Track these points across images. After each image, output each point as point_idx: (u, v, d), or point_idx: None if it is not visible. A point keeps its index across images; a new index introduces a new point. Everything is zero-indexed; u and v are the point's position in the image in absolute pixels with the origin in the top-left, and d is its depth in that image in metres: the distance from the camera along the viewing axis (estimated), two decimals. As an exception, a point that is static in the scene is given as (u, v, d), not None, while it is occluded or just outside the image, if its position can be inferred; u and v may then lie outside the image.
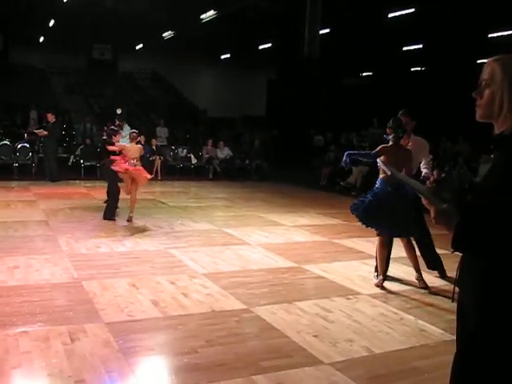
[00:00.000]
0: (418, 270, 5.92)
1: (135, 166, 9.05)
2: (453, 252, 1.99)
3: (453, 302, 1.92)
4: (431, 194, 1.93)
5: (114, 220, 9.07)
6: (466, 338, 1.92)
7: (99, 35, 26.40)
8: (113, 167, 8.97)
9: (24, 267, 6.05)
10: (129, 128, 14.90)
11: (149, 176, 9.39)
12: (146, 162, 11.44)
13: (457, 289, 2.06)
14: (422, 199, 1.95)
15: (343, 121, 22.54)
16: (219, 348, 4.07)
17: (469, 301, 1.90)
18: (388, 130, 5.78)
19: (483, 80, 1.91)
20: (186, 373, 3.66)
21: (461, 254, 2.00)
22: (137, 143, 9.50)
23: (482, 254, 1.80)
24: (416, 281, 5.92)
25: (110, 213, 9.14)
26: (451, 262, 5.84)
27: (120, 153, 9.21)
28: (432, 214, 1.90)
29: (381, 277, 5.91)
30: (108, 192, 9.45)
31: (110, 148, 9.40)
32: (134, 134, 9.43)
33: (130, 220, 8.99)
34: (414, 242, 6.05)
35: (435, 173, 5.71)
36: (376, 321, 4.83)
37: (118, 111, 14.97)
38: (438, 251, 6.40)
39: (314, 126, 20.92)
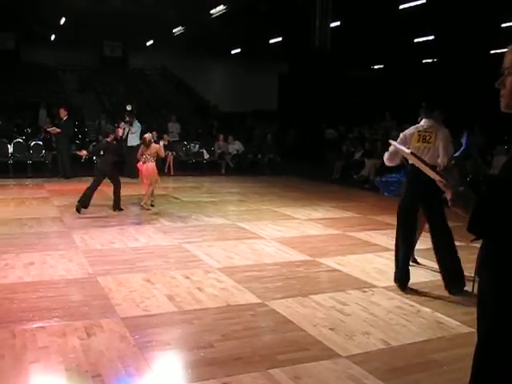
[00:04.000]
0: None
1: (144, 162, 9.73)
2: (471, 241, 1.96)
3: (473, 291, 1.90)
4: (451, 179, 1.90)
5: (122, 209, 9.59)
6: (485, 326, 1.90)
7: (110, 32, 26.39)
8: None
9: (39, 263, 6.08)
10: (139, 124, 14.98)
11: (143, 178, 9.94)
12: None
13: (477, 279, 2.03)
14: (437, 182, 1.92)
15: (355, 114, 22.40)
16: (235, 342, 4.06)
17: (487, 289, 1.88)
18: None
19: (505, 69, 1.86)
20: (203, 367, 3.65)
21: (479, 245, 1.97)
22: (154, 142, 10.14)
23: (496, 237, 1.77)
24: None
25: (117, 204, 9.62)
26: (468, 253, 5.79)
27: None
28: (449, 197, 1.87)
29: None
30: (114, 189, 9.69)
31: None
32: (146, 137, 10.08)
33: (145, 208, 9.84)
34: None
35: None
36: (392, 313, 4.80)
37: (128, 107, 15.01)
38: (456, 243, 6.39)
39: (325, 119, 20.82)
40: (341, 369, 3.67)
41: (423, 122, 5.66)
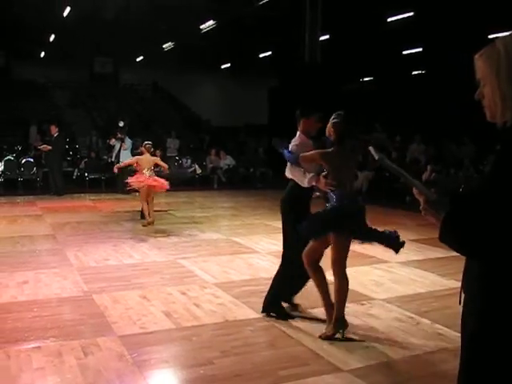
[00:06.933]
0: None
1: (150, 176, 9.52)
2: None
3: (460, 304, 1.87)
4: (423, 186, 1.88)
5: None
6: (466, 340, 1.85)
7: (100, 48, 26.44)
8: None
9: (33, 282, 6.00)
10: (130, 140, 14.96)
11: (165, 185, 9.76)
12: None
13: None
14: (413, 189, 1.89)
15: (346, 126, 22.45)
16: (235, 358, 4.00)
17: (468, 302, 1.84)
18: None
19: (478, 80, 1.86)
20: (203, 384, 3.59)
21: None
22: (152, 155, 9.85)
23: (466, 248, 1.72)
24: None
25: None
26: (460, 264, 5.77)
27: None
28: (421, 205, 1.84)
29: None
30: None
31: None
32: (148, 146, 9.81)
33: (151, 224, 9.45)
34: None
35: (428, 172, 5.23)
36: (392, 326, 4.76)
37: (121, 124, 14.99)
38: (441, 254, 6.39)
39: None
40: (344, 383, 3.62)
41: None
